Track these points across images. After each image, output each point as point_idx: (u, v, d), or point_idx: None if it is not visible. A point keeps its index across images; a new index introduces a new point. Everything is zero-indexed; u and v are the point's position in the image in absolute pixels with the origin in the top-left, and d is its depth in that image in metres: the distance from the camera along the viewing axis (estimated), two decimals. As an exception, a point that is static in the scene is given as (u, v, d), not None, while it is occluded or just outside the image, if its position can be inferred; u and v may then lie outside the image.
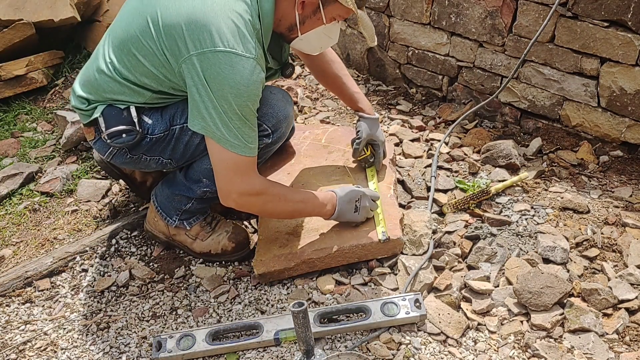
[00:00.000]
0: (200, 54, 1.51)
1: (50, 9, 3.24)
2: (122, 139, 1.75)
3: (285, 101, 1.87)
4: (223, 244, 1.97)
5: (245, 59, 1.52)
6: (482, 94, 2.69)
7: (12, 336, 1.78)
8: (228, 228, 1.99)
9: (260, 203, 1.72)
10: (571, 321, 1.63)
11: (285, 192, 1.77)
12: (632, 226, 1.94)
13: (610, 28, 2.15)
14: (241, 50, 1.51)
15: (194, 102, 1.57)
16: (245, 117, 1.57)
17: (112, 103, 1.74)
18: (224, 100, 1.53)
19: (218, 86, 1.52)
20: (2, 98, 3.13)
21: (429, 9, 2.71)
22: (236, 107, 1.54)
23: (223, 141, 1.57)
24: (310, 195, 1.81)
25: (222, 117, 1.54)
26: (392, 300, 1.69)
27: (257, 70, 1.56)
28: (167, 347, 1.65)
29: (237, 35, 1.51)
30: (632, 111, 2.22)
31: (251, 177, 1.65)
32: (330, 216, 1.84)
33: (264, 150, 1.86)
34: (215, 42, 1.49)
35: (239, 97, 1.53)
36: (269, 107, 1.79)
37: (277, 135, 1.85)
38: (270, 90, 1.82)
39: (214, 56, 1.50)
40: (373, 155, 2.13)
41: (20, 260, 2.08)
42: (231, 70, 1.50)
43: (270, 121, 1.80)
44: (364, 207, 1.86)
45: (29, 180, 2.51)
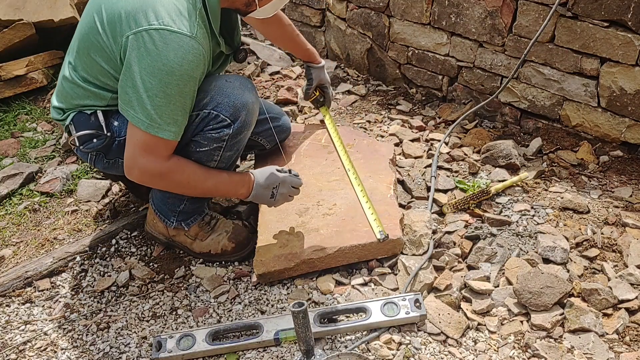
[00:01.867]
0: (135, 34, 1.50)
1: (50, 9, 3.24)
2: (93, 143, 1.78)
3: (244, 88, 1.76)
4: (223, 244, 1.96)
5: (181, 36, 1.49)
6: (482, 94, 2.69)
7: (12, 336, 1.78)
8: (228, 228, 1.99)
9: (164, 184, 1.73)
10: (571, 321, 1.63)
11: (194, 177, 1.72)
12: (632, 226, 1.94)
13: (610, 28, 2.15)
14: (177, 27, 1.49)
15: (123, 81, 1.56)
16: (170, 97, 1.53)
17: (81, 109, 1.77)
18: (152, 77, 1.50)
19: (149, 63, 1.49)
20: (2, 98, 3.13)
21: (429, 9, 2.71)
22: (164, 86, 1.51)
23: (138, 121, 1.56)
24: (223, 179, 1.79)
25: (144, 95, 1.52)
26: (392, 300, 1.69)
27: (196, 50, 1.53)
28: (167, 347, 1.65)
29: (174, 13, 1.50)
30: (632, 111, 2.22)
31: (157, 159, 1.62)
32: (245, 198, 1.84)
33: (231, 142, 1.77)
34: (149, 21, 1.49)
35: (170, 75, 1.50)
36: (224, 96, 1.71)
37: (238, 124, 1.75)
38: (226, 78, 1.75)
39: (147, 34, 1.49)
40: (323, 96, 2.44)
41: (20, 260, 2.08)
42: (165, 47, 1.48)
43: (228, 110, 1.71)
44: (282, 194, 1.85)
45: (29, 180, 2.51)
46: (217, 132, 1.72)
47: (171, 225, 1.98)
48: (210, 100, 1.69)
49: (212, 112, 1.70)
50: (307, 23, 3.45)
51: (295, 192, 1.90)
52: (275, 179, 1.84)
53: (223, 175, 1.81)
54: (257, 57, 3.45)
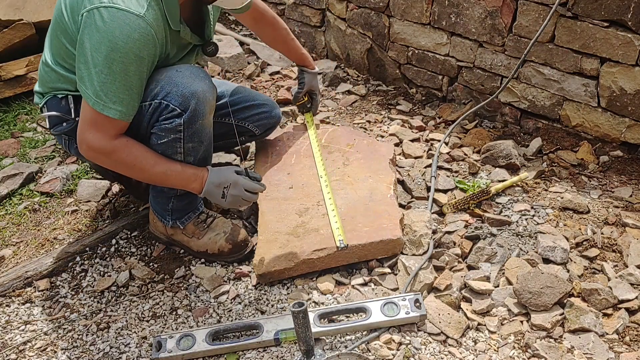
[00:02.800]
0: (88, 11, 1.54)
1: (50, 9, 3.24)
2: (62, 127, 1.83)
3: (194, 77, 1.72)
4: (220, 245, 1.96)
5: (129, 14, 1.52)
6: (482, 94, 2.69)
7: (12, 336, 1.78)
8: (226, 228, 1.98)
9: (110, 163, 1.72)
10: (571, 321, 1.63)
11: (142, 159, 1.71)
12: (632, 226, 1.94)
13: (610, 28, 2.15)
14: (125, 5, 1.52)
15: (77, 58, 1.59)
16: (115, 74, 1.55)
17: (55, 93, 1.81)
18: (99, 53, 1.53)
19: (97, 39, 1.52)
20: (2, 98, 3.13)
21: (429, 9, 2.71)
22: (109, 62, 1.53)
23: (86, 95, 1.59)
24: (175, 169, 1.77)
25: (93, 70, 1.55)
26: (392, 300, 1.69)
27: (143, 30, 1.54)
28: (167, 347, 1.65)
29: None
30: (632, 111, 2.22)
31: (103, 136, 1.64)
32: (199, 193, 1.83)
33: (188, 132, 1.74)
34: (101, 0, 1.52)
35: (114, 51, 1.52)
36: (173, 85, 1.69)
37: (189, 114, 1.71)
38: (177, 68, 1.73)
39: (98, 11, 1.52)
40: (310, 102, 2.47)
41: (20, 260, 2.08)
42: (112, 23, 1.51)
43: (177, 100, 1.69)
44: (233, 196, 1.83)
45: (29, 180, 2.51)
46: (169, 122, 1.71)
47: (168, 224, 1.98)
48: (160, 90, 1.69)
49: (162, 102, 1.70)
50: (307, 23, 3.45)
51: (251, 197, 1.86)
52: (226, 178, 1.82)
53: (175, 166, 1.78)
54: (257, 57, 3.45)
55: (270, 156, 2.31)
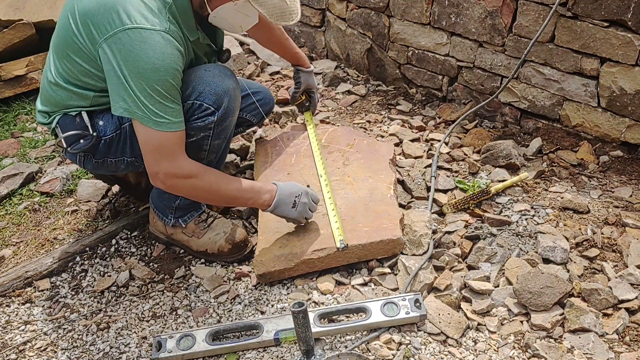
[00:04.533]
0: (112, 36, 1.52)
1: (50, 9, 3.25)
2: (80, 144, 1.79)
3: (223, 75, 1.77)
4: (220, 245, 1.96)
5: (155, 32, 1.52)
6: (482, 94, 2.69)
7: (12, 336, 1.78)
8: (226, 229, 1.98)
9: (189, 187, 1.71)
10: (571, 321, 1.63)
11: (218, 179, 1.74)
12: (632, 226, 1.94)
13: (610, 28, 2.15)
14: (149, 24, 1.52)
15: (113, 85, 1.57)
16: (166, 92, 1.57)
17: (66, 112, 1.78)
18: (141, 77, 1.53)
19: (133, 64, 1.52)
20: (2, 98, 3.13)
21: (429, 9, 2.71)
22: (155, 83, 1.54)
23: (146, 120, 1.58)
24: (247, 185, 1.80)
25: (142, 95, 1.54)
26: (392, 300, 1.69)
27: (172, 43, 1.56)
28: (167, 347, 1.65)
29: (144, 10, 1.53)
30: (632, 111, 2.22)
31: (179, 158, 1.65)
32: (267, 207, 1.83)
33: (217, 129, 1.78)
34: (123, 22, 1.51)
35: (156, 71, 1.53)
36: (205, 84, 1.72)
37: (222, 111, 1.76)
38: (205, 68, 1.76)
39: (124, 35, 1.51)
40: (309, 101, 2.50)
41: (20, 260, 2.08)
42: (144, 45, 1.51)
43: (210, 98, 1.72)
44: (303, 203, 1.85)
45: (29, 180, 2.51)
46: (202, 120, 1.73)
47: (169, 223, 1.98)
48: (192, 91, 1.71)
49: (195, 102, 1.71)
50: (307, 23, 3.45)
51: (314, 207, 1.91)
52: (298, 188, 1.86)
53: (245, 181, 1.82)
54: (257, 57, 3.45)
55: (270, 156, 2.31)
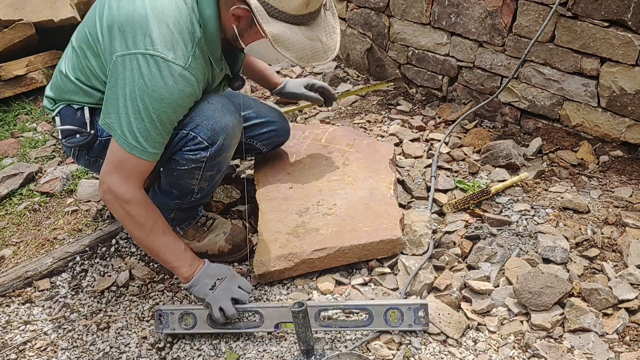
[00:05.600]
0: (130, 54, 1.49)
1: (50, 9, 3.25)
2: (75, 139, 1.78)
3: (225, 111, 1.70)
4: (220, 245, 1.96)
5: (174, 66, 1.49)
6: (482, 94, 2.69)
7: (12, 336, 1.78)
8: (226, 229, 1.98)
9: (121, 212, 1.61)
10: (571, 321, 1.63)
11: (156, 224, 1.63)
12: (632, 226, 1.94)
13: (610, 28, 2.15)
14: (172, 57, 1.49)
15: (110, 99, 1.55)
16: (158, 122, 1.53)
17: (70, 103, 1.77)
18: (142, 102, 1.50)
19: (140, 88, 1.49)
20: (2, 98, 3.13)
21: (429, 9, 2.71)
22: (152, 111, 1.51)
23: (120, 139, 1.54)
24: (178, 247, 1.67)
25: (133, 117, 1.51)
26: (397, 307, 1.63)
27: (188, 81, 1.53)
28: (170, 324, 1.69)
29: (171, 41, 1.49)
30: (632, 111, 2.22)
31: (129, 181, 1.58)
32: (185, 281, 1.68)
33: (210, 163, 1.72)
34: (146, 45, 1.48)
35: (159, 102, 1.50)
36: (203, 117, 1.65)
37: (216, 148, 1.69)
38: (208, 99, 1.69)
39: (144, 58, 1.48)
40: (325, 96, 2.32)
41: (20, 260, 2.08)
42: (158, 74, 1.48)
43: (206, 133, 1.66)
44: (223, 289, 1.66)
45: (29, 180, 2.51)
46: (194, 153, 1.68)
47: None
48: (189, 121, 1.65)
49: (190, 133, 1.66)
50: (307, 23, 3.45)
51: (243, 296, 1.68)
52: (223, 271, 1.71)
53: (180, 244, 1.68)
54: (257, 57, 3.45)
55: (270, 156, 2.31)
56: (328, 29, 1.61)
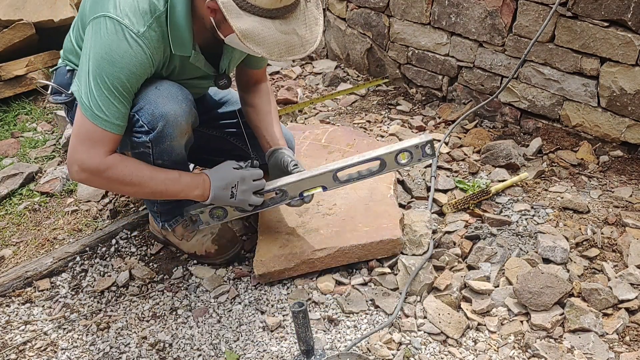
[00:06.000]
0: (96, 18, 1.55)
1: (50, 9, 3.25)
2: (60, 97, 1.83)
3: (169, 97, 1.65)
4: (206, 246, 1.94)
5: (127, 30, 1.52)
6: (482, 94, 2.69)
7: (12, 336, 1.78)
8: (214, 229, 1.94)
9: (103, 182, 1.66)
10: (571, 321, 1.63)
11: (140, 172, 1.65)
12: (632, 226, 1.94)
13: (610, 28, 2.15)
14: (127, 22, 1.52)
15: (80, 63, 1.59)
16: (114, 89, 1.54)
17: (67, 63, 1.82)
18: (98, 65, 1.53)
19: (98, 50, 1.53)
20: (2, 98, 3.13)
21: (429, 9, 2.71)
22: (106, 75, 1.53)
23: (86, 108, 1.55)
24: (174, 177, 1.70)
25: (93, 83, 1.53)
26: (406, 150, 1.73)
27: (140, 48, 1.54)
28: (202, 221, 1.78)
29: (130, 8, 1.53)
30: (632, 111, 2.22)
31: (99, 153, 1.58)
32: (203, 200, 1.75)
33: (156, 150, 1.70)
34: (109, 9, 1.53)
35: (112, 64, 1.52)
36: (146, 101, 1.63)
37: (155, 134, 1.65)
38: (156, 85, 1.65)
39: (103, 21, 1.53)
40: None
41: (20, 260, 2.08)
42: (113, 37, 1.51)
43: (146, 117, 1.63)
44: (242, 191, 1.74)
45: (29, 180, 2.51)
46: (137, 137, 1.67)
47: (159, 225, 1.99)
48: (136, 103, 1.64)
49: (135, 116, 1.65)
50: (307, 23, 3.44)
51: (259, 185, 1.76)
52: (232, 177, 1.73)
53: (173, 173, 1.71)
54: (257, 57, 3.45)
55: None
56: (309, 21, 1.58)
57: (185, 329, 1.76)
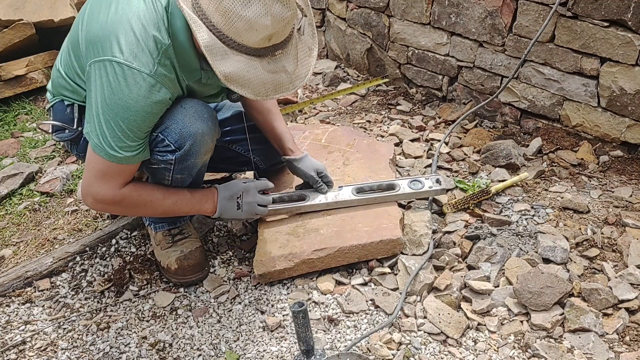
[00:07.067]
0: (99, 61, 1.51)
1: (50, 9, 3.25)
2: (64, 134, 1.82)
3: (197, 117, 1.68)
4: (169, 261, 1.90)
5: (138, 74, 1.49)
6: (482, 94, 2.69)
7: (12, 336, 1.78)
8: (185, 249, 1.90)
9: (119, 209, 1.81)
10: (571, 321, 1.63)
11: (152, 197, 1.72)
12: (632, 226, 1.94)
13: (610, 28, 2.15)
14: (136, 64, 1.48)
15: (88, 105, 1.58)
16: (129, 130, 1.54)
17: (63, 99, 1.80)
18: (110, 110, 1.51)
19: (108, 95, 1.51)
20: (2, 98, 3.13)
21: (429, 9, 2.71)
22: (120, 120, 1.52)
23: (99, 149, 1.56)
24: (184, 197, 1.79)
25: (106, 126, 1.53)
26: (417, 179, 2.02)
27: (154, 88, 1.52)
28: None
29: (137, 48, 1.49)
30: (632, 111, 2.22)
31: (114, 186, 1.63)
32: (212, 214, 1.84)
33: (179, 166, 1.72)
34: (113, 52, 1.49)
35: (125, 110, 1.51)
36: (173, 121, 1.65)
37: (182, 152, 1.68)
38: (182, 104, 1.67)
39: (109, 65, 1.49)
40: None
41: (20, 260, 2.08)
42: (123, 82, 1.49)
43: (173, 137, 1.66)
44: (247, 203, 1.83)
45: (29, 180, 2.51)
46: (161, 155, 1.69)
47: (146, 222, 2.00)
48: (161, 123, 1.65)
49: (159, 136, 1.66)
50: (307, 23, 3.44)
51: (265, 200, 1.85)
52: (237, 188, 1.82)
53: (184, 193, 1.79)
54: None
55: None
56: (301, 54, 1.56)
57: (185, 329, 1.76)
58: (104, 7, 1.56)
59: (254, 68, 1.46)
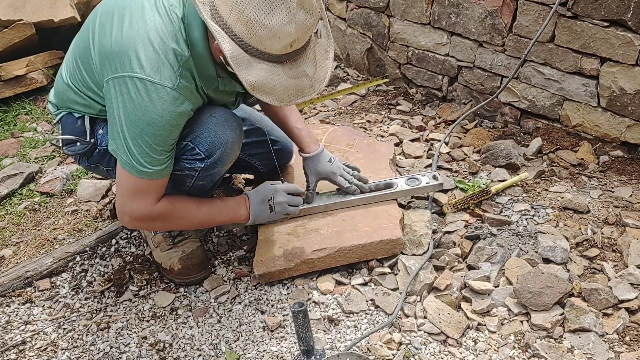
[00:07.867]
0: (119, 78, 1.49)
1: (50, 9, 3.25)
2: (76, 147, 1.79)
3: (226, 125, 1.70)
4: (172, 262, 1.90)
5: (161, 88, 1.48)
6: (482, 94, 2.69)
7: (12, 336, 1.78)
8: (187, 249, 1.92)
9: (157, 226, 1.77)
10: (571, 321, 1.63)
11: (187, 209, 1.73)
12: (632, 226, 1.94)
13: (610, 28, 2.15)
14: (158, 79, 1.47)
15: (110, 122, 1.56)
16: (156, 145, 1.53)
17: (71, 111, 1.77)
18: (135, 126, 1.50)
19: (131, 112, 1.49)
20: (2, 98, 3.14)
21: (429, 9, 2.71)
22: (147, 136, 1.51)
23: (128, 166, 1.55)
24: (218, 205, 1.81)
25: (132, 143, 1.52)
26: (414, 176, 2.05)
27: (177, 101, 1.51)
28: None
29: (157, 62, 1.47)
30: (632, 111, 2.22)
31: (149, 202, 1.62)
32: (246, 220, 1.85)
33: (204, 174, 1.73)
34: (133, 68, 1.47)
35: (151, 125, 1.50)
36: (203, 130, 1.66)
37: (212, 160, 1.69)
38: (211, 112, 1.68)
39: (130, 82, 1.47)
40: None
41: (20, 260, 2.08)
42: (147, 98, 1.47)
43: (204, 145, 1.67)
44: (279, 204, 1.85)
45: (29, 180, 2.51)
46: (190, 162, 1.69)
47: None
48: (190, 132, 1.66)
49: (189, 144, 1.66)
50: (307, 23, 3.44)
51: (296, 200, 1.88)
52: (268, 191, 1.84)
53: (217, 202, 1.81)
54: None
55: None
56: (319, 56, 1.56)
57: (185, 329, 1.76)
58: (116, 21, 1.52)
59: (277, 75, 1.46)
